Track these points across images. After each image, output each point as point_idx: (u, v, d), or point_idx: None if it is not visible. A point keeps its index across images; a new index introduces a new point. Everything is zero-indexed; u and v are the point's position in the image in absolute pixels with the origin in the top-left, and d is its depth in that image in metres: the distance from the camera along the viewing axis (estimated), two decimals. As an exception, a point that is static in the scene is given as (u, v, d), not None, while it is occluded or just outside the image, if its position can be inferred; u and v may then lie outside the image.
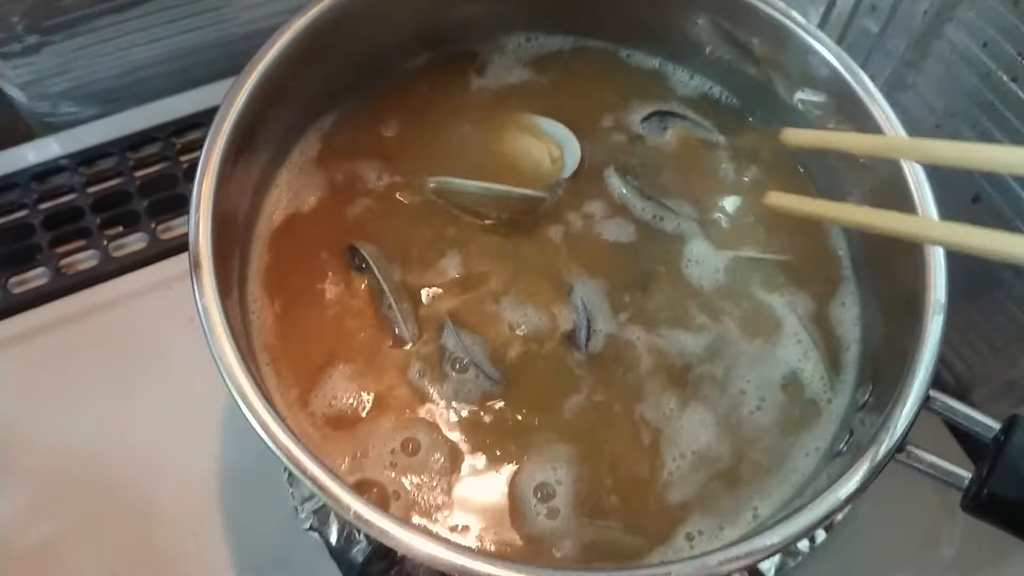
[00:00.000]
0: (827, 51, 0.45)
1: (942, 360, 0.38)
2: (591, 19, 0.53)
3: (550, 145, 0.50)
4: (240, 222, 0.43)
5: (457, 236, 0.47)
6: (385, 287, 0.44)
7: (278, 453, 0.34)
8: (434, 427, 0.42)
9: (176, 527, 0.52)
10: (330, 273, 0.45)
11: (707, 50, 0.51)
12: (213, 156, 0.39)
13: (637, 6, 0.51)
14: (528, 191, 0.47)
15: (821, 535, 0.52)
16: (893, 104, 0.45)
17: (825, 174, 0.49)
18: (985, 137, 0.50)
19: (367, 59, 0.50)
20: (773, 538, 0.34)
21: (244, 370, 0.35)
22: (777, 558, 0.52)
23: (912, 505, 0.55)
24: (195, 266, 0.36)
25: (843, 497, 0.34)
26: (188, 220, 0.37)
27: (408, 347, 0.44)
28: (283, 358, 0.43)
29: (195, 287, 0.36)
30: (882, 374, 0.41)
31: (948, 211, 0.41)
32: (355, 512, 0.33)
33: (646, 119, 0.51)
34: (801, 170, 0.51)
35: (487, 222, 0.47)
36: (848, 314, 0.46)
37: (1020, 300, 0.51)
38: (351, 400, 0.42)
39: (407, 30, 0.50)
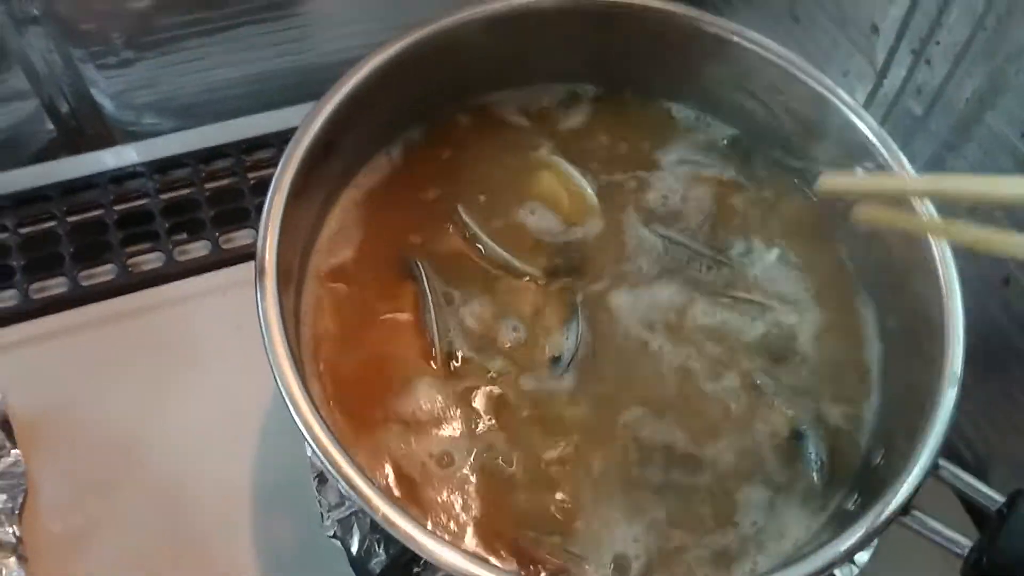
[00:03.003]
0: (869, 131, 0.47)
1: (961, 435, 0.39)
2: (635, 74, 0.55)
3: (572, 188, 0.52)
4: (303, 235, 0.47)
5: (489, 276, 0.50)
6: (430, 298, 0.47)
7: (320, 457, 0.36)
8: (465, 436, 0.45)
9: (206, 520, 0.55)
10: (378, 285, 0.48)
11: (739, 109, 0.54)
12: (287, 173, 0.42)
13: (684, 71, 0.54)
14: (525, 267, 0.50)
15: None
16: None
17: (849, 238, 0.51)
18: (1020, 224, 0.51)
19: (428, 96, 0.53)
20: (775, 583, 0.35)
21: (295, 374, 0.38)
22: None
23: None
24: (260, 273, 0.40)
25: (843, 550, 0.36)
26: (258, 230, 0.41)
27: (438, 364, 0.46)
28: (326, 361, 0.46)
29: (258, 293, 0.39)
30: (896, 440, 0.43)
31: (977, 292, 0.43)
32: (383, 515, 0.35)
33: (673, 165, 0.54)
34: (824, 236, 0.52)
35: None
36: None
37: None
38: (385, 404, 0.45)
39: (462, 75, 0.54)
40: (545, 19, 0.52)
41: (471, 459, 0.44)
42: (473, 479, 0.43)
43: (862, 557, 0.54)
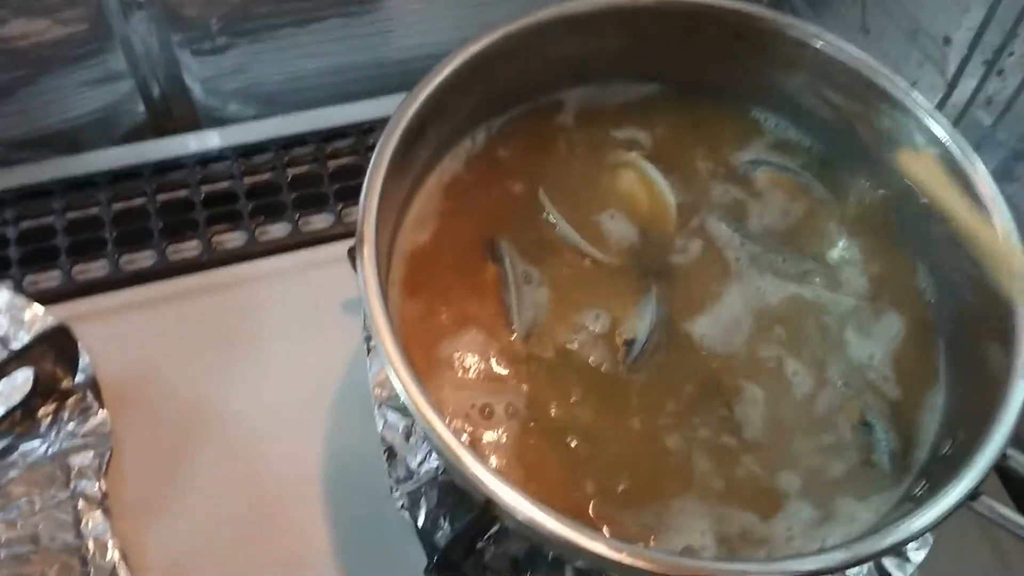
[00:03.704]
0: (943, 131, 0.49)
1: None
2: (712, 75, 0.57)
3: (650, 186, 0.54)
4: (393, 215, 0.49)
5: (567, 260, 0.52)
6: (511, 277, 0.49)
7: (421, 423, 0.38)
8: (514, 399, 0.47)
9: (279, 489, 0.57)
10: (464, 258, 0.51)
11: (812, 112, 0.55)
12: (386, 151, 0.45)
13: (761, 73, 0.55)
14: (602, 254, 0.51)
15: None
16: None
17: (919, 234, 0.52)
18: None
19: (511, 89, 0.55)
20: (843, 554, 0.37)
21: (395, 343, 0.40)
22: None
23: None
24: (360, 242, 0.42)
25: (914, 530, 0.37)
26: (359, 204, 0.43)
27: (515, 336, 0.48)
28: (411, 324, 0.48)
29: (359, 260, 0.42)
30: (964, 431, 0.44)
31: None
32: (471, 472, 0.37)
33: (748, 165, 0.55)
34: (902, 241, 0.53)
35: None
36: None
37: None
38: (457, 363, 0.48)
39: (545, 70, 0.56)
40: (624, 19, 0.53)
41: (542, 428, 0.46)
42: (543, 446, 0.46)
43: (918, 556, 0.55)
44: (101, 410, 0.58)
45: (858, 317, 0.50)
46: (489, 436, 0.45)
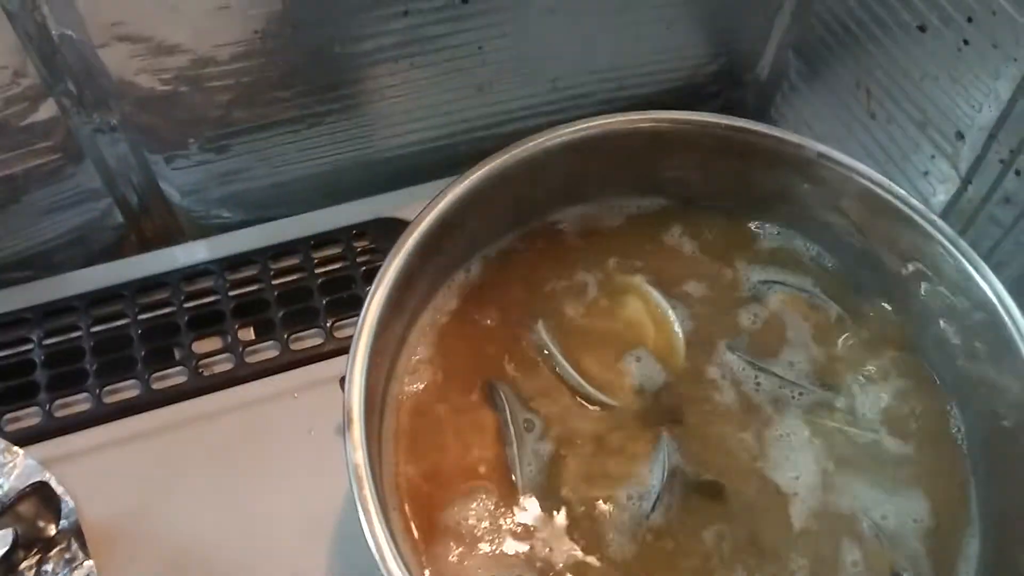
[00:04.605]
0: (962, 257, 0.46)
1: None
2: (718, 192, 0.54)
3: (657, 315, 0.51)
4: (385, 366, 0.46)
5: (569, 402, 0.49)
6: (511, 428, 0.46)
7: None
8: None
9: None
10: (461, 406, 0.48)
11: (824, 226, 0.53)
12: (370, 316, 0.42)
13: (767, 189, 0.53)
14: (605, 397, 0.48)
15: None
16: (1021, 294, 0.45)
17: (949, 370, 0.49)
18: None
19: (507, 216, 0.53)
20: None
21: (383, 526, 0.37)
22: None
23: None
24: (347, 422, 0.39)
25: None
26: (344, 381, 0.40)
27: (520, 497, 0.45)
28: (410, 485, 0.45)
29: (346, 442, 0.39)
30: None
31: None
32: None
33: (758, 286, 0.53)
34: (927, 367, 0.50)
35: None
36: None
37: None
38: (463, 530, 0.44)
39: (540, 193, 0.53)
40: (620, 141, 0.51)
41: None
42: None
43: None
44: (87, 560, 0.55)
45: (883, 457, 0.47)
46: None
